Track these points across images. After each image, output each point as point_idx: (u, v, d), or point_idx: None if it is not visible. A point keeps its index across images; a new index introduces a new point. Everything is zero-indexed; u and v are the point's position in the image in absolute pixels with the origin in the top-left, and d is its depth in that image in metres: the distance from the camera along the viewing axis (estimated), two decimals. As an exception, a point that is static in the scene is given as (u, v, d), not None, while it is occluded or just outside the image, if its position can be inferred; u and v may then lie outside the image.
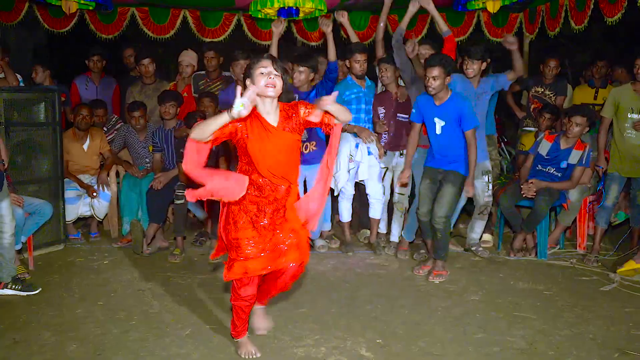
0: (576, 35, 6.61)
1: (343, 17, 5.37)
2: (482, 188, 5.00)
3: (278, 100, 3.11)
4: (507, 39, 4.96)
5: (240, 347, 3.32)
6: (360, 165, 5.15)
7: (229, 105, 2.88)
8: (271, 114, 3.09)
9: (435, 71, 4.36)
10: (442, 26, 5.22)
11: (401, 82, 5.29)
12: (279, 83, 3.03)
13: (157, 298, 4.14)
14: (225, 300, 4.08)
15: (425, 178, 4.68)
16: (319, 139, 5.04)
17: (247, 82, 3.07)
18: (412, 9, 5.23)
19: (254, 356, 3.27)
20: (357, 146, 5.11)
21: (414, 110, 4.73)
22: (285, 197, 3.18)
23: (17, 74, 5.65)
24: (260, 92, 2.99)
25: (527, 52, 7.39)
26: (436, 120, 4.53)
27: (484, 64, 4.87)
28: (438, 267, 4.62)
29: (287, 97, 3.18)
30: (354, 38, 5.52)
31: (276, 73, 3.03)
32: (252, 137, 3.04)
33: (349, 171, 5.15)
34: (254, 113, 3.01)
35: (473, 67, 4.83)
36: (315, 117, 3.07)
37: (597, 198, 5.37)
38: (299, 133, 3.16)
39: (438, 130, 4.54)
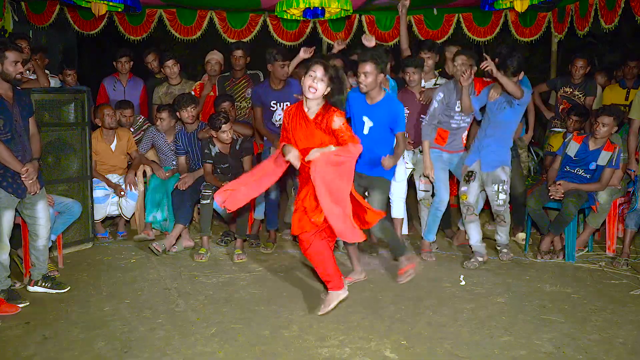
0: (606, 34, 6.50)
1: (370, 43, 5.27)
2: (491, 196, 4.90)
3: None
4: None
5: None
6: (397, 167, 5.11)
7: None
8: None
9: (367, 67, 4.13)
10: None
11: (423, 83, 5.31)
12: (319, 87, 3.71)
13: (182, 297, 4.18)
14: (249, 299, 4.11)
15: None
16: None
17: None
18: (403, 10, 5.32)
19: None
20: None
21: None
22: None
23: (54, 76, 5.78)
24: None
25: (555, 51, 7.32)
26: (365, 119, 4.31)
27: (521, 75, 4.63)
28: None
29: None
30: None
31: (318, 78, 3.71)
32: None
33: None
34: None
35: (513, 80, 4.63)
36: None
37: (628, 200, 5.27)
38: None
39: (365, 131, 4.31)
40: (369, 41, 5.27)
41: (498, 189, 4.84)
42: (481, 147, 4.87)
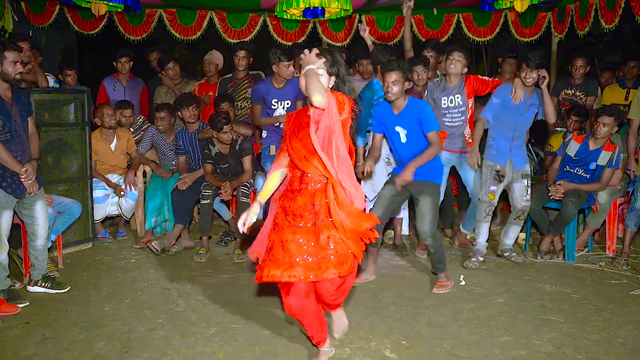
0: (606, 34, 6.50)
1: (365, 33, 5.54)
2: (520, 192, 4.90)
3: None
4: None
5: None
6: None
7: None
8: None
9: (395, 75, 4.08)
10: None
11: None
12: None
13: (182, 297, 4.18)
14: (249, 299, 4.11)
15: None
16: None
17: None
18: (408, 12, 5.50)
19: None
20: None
21: (371, 121, 4.63)
22: (321, 194, 2.99)
23: (50, 75, 5.77)
24: None
25: (555, 51, 7.32)
26: (398, 129, 4.26)
27: (543, 72, 4.60)
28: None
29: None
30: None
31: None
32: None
33: (388, 175, 5.11)
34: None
35: (532, 76, 4.58)
36: None
37: (627, 200, 5.27)
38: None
39: (403, 139, 4.27)
40: (363, 31, 5.52)
41: (527, 183, 4.89)
42: (512, 148, 4.83)
